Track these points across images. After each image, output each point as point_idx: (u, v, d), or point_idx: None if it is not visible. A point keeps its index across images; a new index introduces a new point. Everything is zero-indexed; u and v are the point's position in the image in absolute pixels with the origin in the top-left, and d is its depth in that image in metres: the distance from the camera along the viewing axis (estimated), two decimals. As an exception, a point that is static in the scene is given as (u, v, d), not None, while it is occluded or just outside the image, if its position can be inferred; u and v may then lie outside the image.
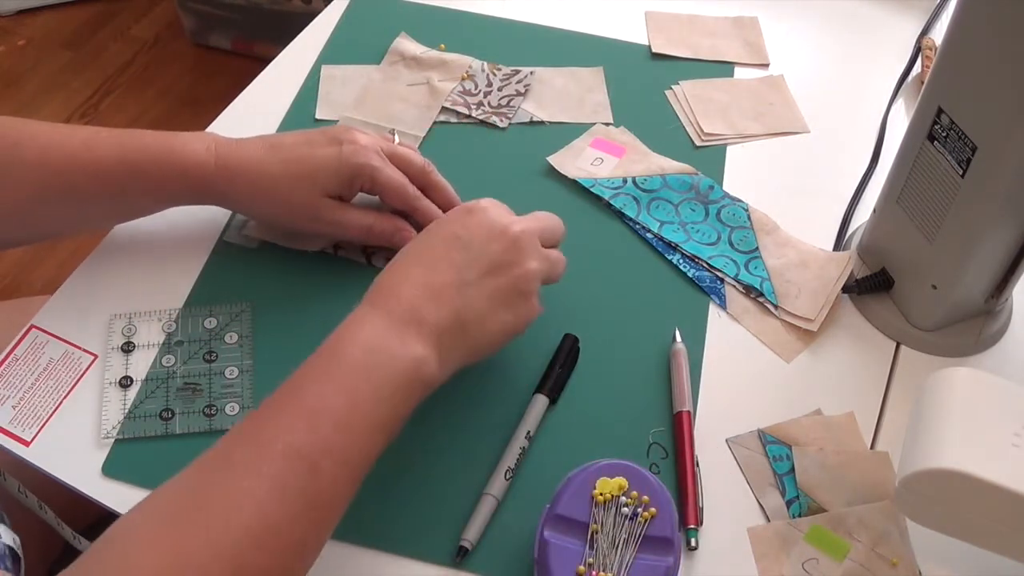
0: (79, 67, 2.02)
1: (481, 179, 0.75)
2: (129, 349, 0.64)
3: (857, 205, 0.76)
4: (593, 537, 0.52)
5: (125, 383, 0.63)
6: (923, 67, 0.86)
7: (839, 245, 0.73)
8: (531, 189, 0.76)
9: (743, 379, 0.65)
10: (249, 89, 0.83)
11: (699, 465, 0.59)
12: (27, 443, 0.60)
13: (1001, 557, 0.52)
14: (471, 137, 0.80)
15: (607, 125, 0.80)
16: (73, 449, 0.60)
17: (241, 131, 0.67)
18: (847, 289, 0.69)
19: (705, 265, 0.71)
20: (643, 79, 0.85)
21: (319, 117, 0.80)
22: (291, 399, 0.49)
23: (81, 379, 0.63)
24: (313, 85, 0.83)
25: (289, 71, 0.84)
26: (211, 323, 0.66)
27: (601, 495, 0.53)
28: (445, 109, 0.81)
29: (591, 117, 0.81)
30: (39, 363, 0.63)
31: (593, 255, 0.71)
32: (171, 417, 0.61)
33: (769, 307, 0.68)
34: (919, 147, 0.61)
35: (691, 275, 0.70)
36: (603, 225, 0.74)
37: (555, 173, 0.77)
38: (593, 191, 0.75)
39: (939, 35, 0.88)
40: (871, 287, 0.68)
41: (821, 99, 0.84)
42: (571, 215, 0.73)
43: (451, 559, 0.56)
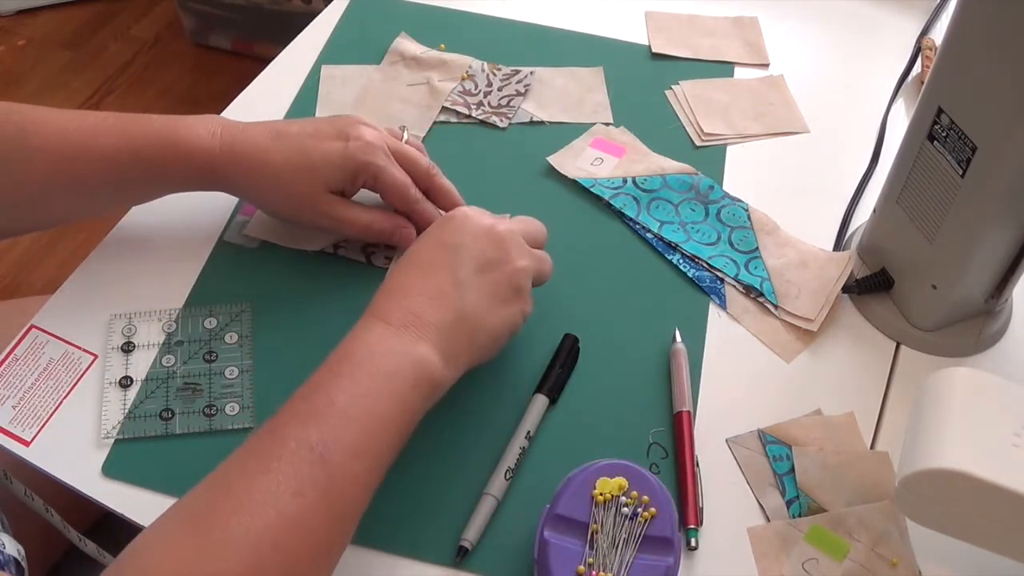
0: (79, 67, 2.02)
1: (481, 179, 0.75)
2: (129, 349, 0.64)
3: (857, 205, 0.76)
4: (593, 537, 0.52)
5: (125, 383, 0.63)
6: (923, 67, 0.86)
7: (839, 245, 0.73)
8: (531, 189, 0.76)
9: (743, 379, 0.65)
10: (249, 89, 0.83)
11: (699, 465, 0.59)
12: (27, 443, 0.60)
13: (1001, 557, 0.52)
14: (471, 137, 0.80)
15: (607, 125, 0.80)
16: (73, 449, 0.60)
17: (241, 131, 0.67)
18: (847, 289, 0.69)
19: (705, 265, 0.71)
20: (643, 79, 0.85)
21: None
22: (301, 402, 0.50)
23: (81, 379, 0.63)
24: (313, 85, 0.83)
25: (289, 71, 0.84)
26: (211, 323, 0.66)
27: (601, 495, 0.53)
28: (445, 109, 0.81)
29: (591, 117, 0.81)
30: (39, 363, 0.63)
31: (593, 255, 0.71)
32: (171, 417, 0.61)
33: (769, 307, 0.68)
34: (919, 147, 0.61)
35: (691, 275, 0.70)
36: (603, 225, 0.74)
37: (555, 173, 0.77)
38: (593, 191, 0.75)
39: (939, 35, 0.88)
40: (871, 287, 0.68)
41: (821, 99, 0.84)
42: (571, 215, 0.74)
43: (451, 559, 0.56)
